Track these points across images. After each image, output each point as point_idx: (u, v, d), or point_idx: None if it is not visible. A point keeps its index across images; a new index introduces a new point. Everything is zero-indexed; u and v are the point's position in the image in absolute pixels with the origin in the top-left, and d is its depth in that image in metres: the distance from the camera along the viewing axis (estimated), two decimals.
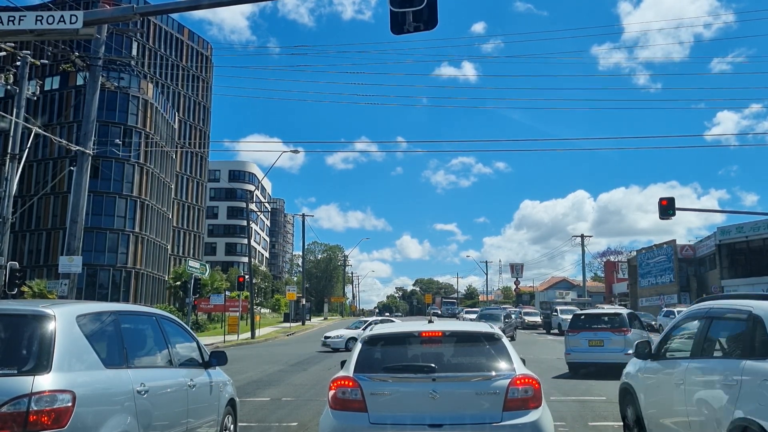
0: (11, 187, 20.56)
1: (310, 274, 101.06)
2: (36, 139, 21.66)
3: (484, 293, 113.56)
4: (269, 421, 10.44)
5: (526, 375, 5.59)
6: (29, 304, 5.60)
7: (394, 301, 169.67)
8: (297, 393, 13.97)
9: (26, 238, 58.59)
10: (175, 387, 6.10)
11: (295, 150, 57.66)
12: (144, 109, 60.61)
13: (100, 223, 56.94)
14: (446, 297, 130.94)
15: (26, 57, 20.83)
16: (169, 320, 6.80)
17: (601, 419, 9.98)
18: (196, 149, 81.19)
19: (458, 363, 5.88)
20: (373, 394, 5.56)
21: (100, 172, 53.93)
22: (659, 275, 59.58)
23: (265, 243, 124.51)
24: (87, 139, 16.93)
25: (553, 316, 42.45)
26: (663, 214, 24.62)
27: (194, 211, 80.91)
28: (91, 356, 4.89)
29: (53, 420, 4.25)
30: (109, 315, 5.56)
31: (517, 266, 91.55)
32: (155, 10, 15.20)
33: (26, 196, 51.22)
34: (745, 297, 6.00)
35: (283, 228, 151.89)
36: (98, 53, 16.72)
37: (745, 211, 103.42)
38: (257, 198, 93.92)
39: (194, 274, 34.32)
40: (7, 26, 9.41)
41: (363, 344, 6.05)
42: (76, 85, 58.83)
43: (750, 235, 45.72)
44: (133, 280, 59.69)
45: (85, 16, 9.57)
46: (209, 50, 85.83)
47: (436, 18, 8.85)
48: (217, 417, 7.08)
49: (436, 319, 10.74)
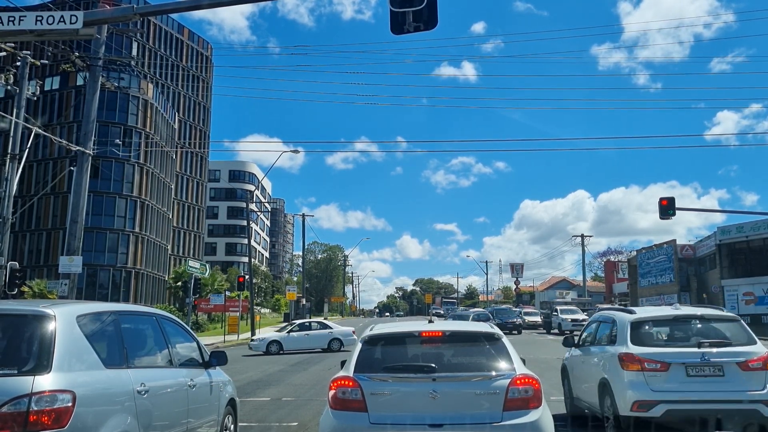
0: (11, 187, 20.56)
1: (310, 274, 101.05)
2: (36, 139, 21.67)
3: (484, 293, 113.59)
4: (269, 420, 10.45)
5: (526, 375, 5.59)
6: (29, 304, 5.60)
7: (394, 301, 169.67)
8: (297, 393, 13.98)
9: (26, 238, 58.58)
10: (175, 387, 6.10)
11: (295, 150, 57.82)
12: (144, 109, 60.61)
13: (100, 223, 56.94)
14: (446, 297, 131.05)
15: (26, 57, 20.83)
16: (169, 320, 6.79)
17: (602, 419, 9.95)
18: (196, 149, 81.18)
19: (458, 363, 5.87)
20: (374, 394, 5.56)
21: (100, 172, 53.92)
22: (659, 275, 59.55)
23: (265, 243, 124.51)
24: (87, 139, 16.93)
25: (553, 316, 42.47)
26: (663, 214, 24.61)
27: (194, 211, 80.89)
28: (91, 356, 4.88)
29: (53, 420, 4.24)
30: (110, 315, 5.56)
31: (517, 266, 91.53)
32: (155, 10, 15.18)
33: (26, 196, 51.21)
34: (617, 309, 9.76)
35: (283, 228, 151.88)
36: (98, 53, 16.73)
37: (745, 211, 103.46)
38: (257, 198, 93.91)
39: (194, 274, 34.35)
40: (7, 26, 9.41)
41: (363, 344, 6.04)
42: (76, 85, 58.81)
43: (750, 234, 45.69)
44: (133, 280, 59.68)
45: (85, 17, 9.57)
46: (209, 50, 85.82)
47: (436, 18, 8.85)
48: (217, 417, 7.07)
49: (436, 319, 10.74)
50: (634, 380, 7.59)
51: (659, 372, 7.53)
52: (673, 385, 7.47)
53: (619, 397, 7.74)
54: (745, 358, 7.52)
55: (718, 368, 7.48)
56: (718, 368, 7.48)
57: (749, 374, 7.45)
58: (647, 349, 7.78)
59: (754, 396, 7.33)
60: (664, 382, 7.50)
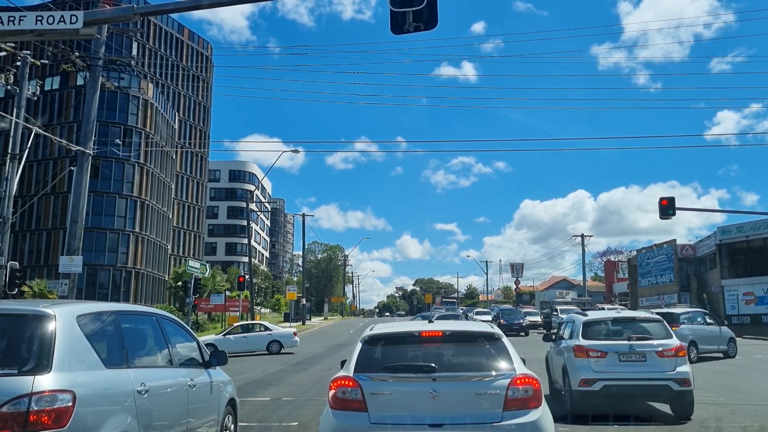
0: (11, 187, 20.56)
1: (310, 274, 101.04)
2: (36, 139, 21.66)
3: (484, 293, 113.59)
4: (269, 420, 10.45)
5: (526, 375, 5.59)
6: (29, 304, 5.60)
7: (394, 301, 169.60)
8: (297, 393, 13.97)
9: (26, 238, 58.59)
10: (175, 387, 6.10)
11: (295, 150, 57.94)
12: (144, 109, 60.61)
13: (101, 223, 56.94)
14: (446, 297, 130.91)
15: (26, 57, 20.83)
16: (170, 320, 6.79)
17: (602, 419, 9.96)
18: (196, 149, 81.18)
19: (458, 363, 5.87)
20: (374, 393, 5.56)
21: (100, 172, 53.93)
22: (659, 275, 59.54)
23: (265, 243, 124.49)
24: (87, 139, 16.93)
25: (554, 316, 42.41)
26: (663, 214, 24.61)
27: (194, 211, 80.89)
28: (91, 356, 4.88)
29: (53, 420, 4.24)
30: (110, 315, 5.56)
31: (517, 266, 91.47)
32: (155, 10, 15.18)
33: (26, 196, 51.22)
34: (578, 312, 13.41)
35: (283, 228, 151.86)
36: (98, 53, 16.73)
37: (745, 211, 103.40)
38: (257, 198, 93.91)
39: (194, 274, 34.33)
40: (7, 26, 9.41)
41: (363, 344, 6.04)
42: (76, 85, 58.82)
43: (750, 234, 45.67)
44: (133, 280, 59.69)
45: (85, 16, 9.57)
46: (209, 50, 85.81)
47: (436, 18, 8.85)
48: (217, 417, 7.07)
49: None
50: (582, 365, 10.18)
51: (599, 358, 10.15)
52: (609, 367, 10.06)
53: (572, 376, 10.27)
54: (662, 348, 10.09)
55: (642, 355, 10.10)
56: (642, 355, 10.10)
57: (664, 360, 10.01)
58: (592, 341, 10.43)
59: (667, 375, 9.90)
60: (603, 365, 10.09)
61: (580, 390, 10.04)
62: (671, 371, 9.88)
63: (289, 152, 58.96)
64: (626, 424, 9.57)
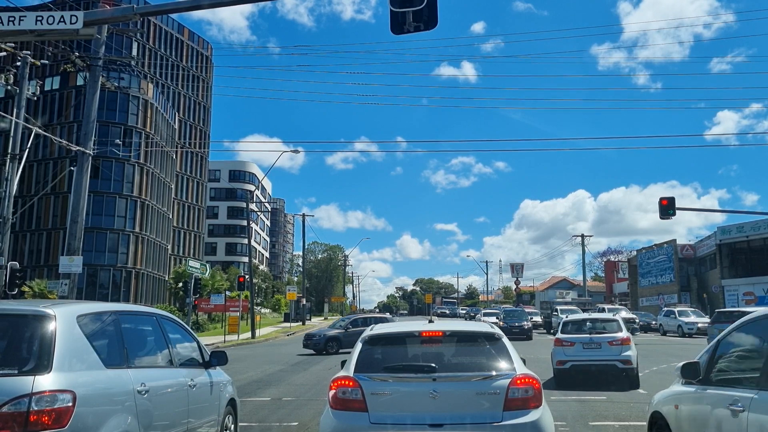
0: (11, 187, 20.56)
1: (310, 274, 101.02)
2: (36, 139, 21.67)
3: (484, 293, 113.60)
4: (270, 421, 10.44)
5: (526, 375, 5.58)
6: (30, 304, 5.60)
7: (394, 301, 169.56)
8: (297, 393, 13.97)
9: (26, 238, 58.58)
10: (175, 387, 6.09)
11: (295, 150, 57.76)
12: (144, 109, 60.60)
13: (101, 223, 56.93)
14: (446, 297, 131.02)
15: (26, 57, 20.83)
16: (170, 320, 6.79)
17: (602, 419, 9.97)
18: (196, 149, 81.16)
19: (459, 363, 5.87)
20: (374, 393, 5.56)
21: (101, 172, 53.93)
22: (659, 275, 59.55)
23: (265, 243, 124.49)
24: (87, 139, 16.93)
25: (554, 316, 42.36)
26: (663, 214, 24.62)
27: (194, 211, 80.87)
28: (91, 356, 4.88)
29: (54, 420, 4.24)
30: (110, 315, 5.56)
31: (517, 266, 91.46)
32: (155, 10, 15.16)
33: (26, 196, 51.22)
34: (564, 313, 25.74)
35: (283, 228, 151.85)
36: (98, 53, 16.72)
37: (745, 211, 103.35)
38: (257, 198, 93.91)
39: (194, 274, 34.31)
40: (7, 26, 9.41)
41: (363, 344, 6.04)
42: (76, 85, 58.82)
43: (750, 234, 45.67)
44: (134, 280, 59.68)
45: (85, 17, 9.57)
46: (209, 50, 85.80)
47: (436, 18, 8.85)
48: (217, 417, 7.07)
49: (436, 319, 10.78)
50: (558, 351, 14.58)
51: (570, 347, 14.35)
52: (576, 353, 14.20)
53: (553, 359, 14.93)
54: (612, 339, 14.09)
55: (598, 344, 14.14)
56: (598, 344, 14.14)
57: (613, 347, 13.95)
58: (567, 335, 14.68)
59: (614, 357, 13.85)
60: (571, 351, 14.28)
61: (557, 368, 14.50)
62: (617, 355, 13.84)
63: (289, 152, 58.94)
64: (595, 391, 12.99)
